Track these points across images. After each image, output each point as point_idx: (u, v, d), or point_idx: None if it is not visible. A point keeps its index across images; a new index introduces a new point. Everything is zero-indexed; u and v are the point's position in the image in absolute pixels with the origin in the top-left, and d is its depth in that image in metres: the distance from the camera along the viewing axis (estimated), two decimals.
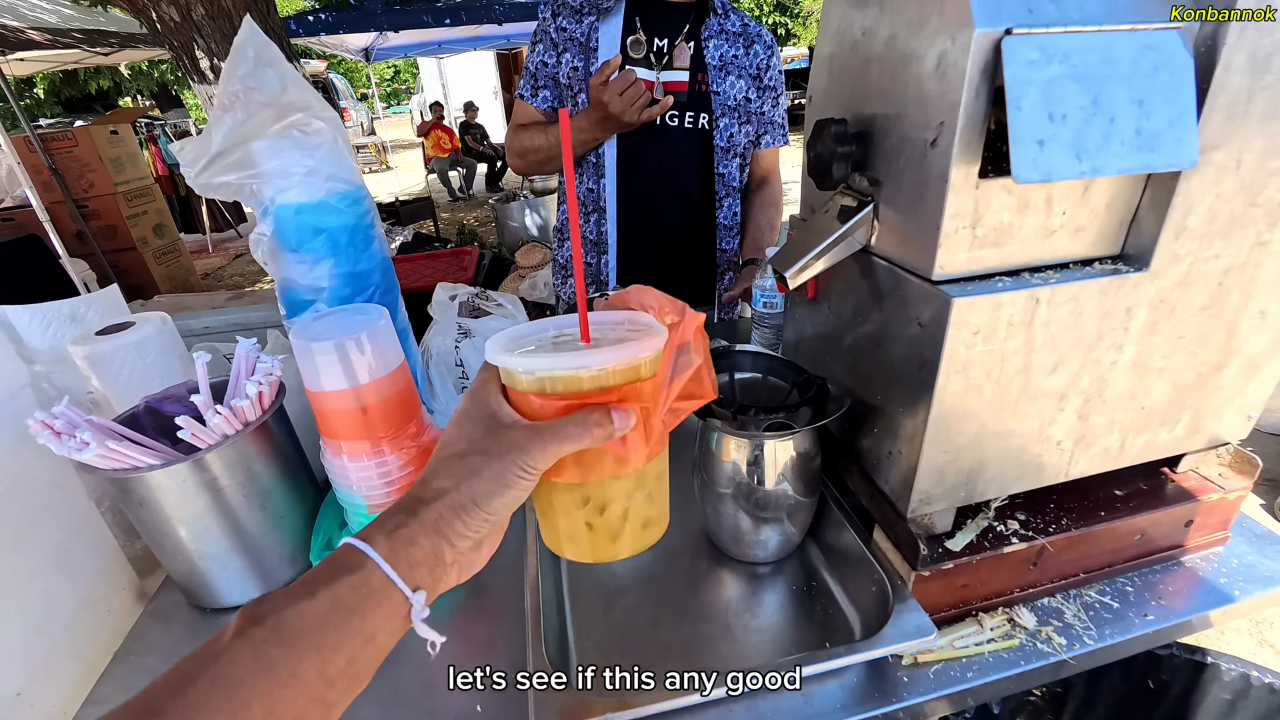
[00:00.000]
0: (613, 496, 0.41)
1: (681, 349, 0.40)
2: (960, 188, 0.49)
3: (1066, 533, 0.66)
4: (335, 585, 0.32)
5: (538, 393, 0.38)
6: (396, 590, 0.33)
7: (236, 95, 0.67)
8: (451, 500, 0.35)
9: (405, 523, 0.35)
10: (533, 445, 0.36)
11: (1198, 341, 0.61)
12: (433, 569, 0.35)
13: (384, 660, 0.34)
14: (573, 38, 1.26)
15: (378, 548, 0.34)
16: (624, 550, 0.42)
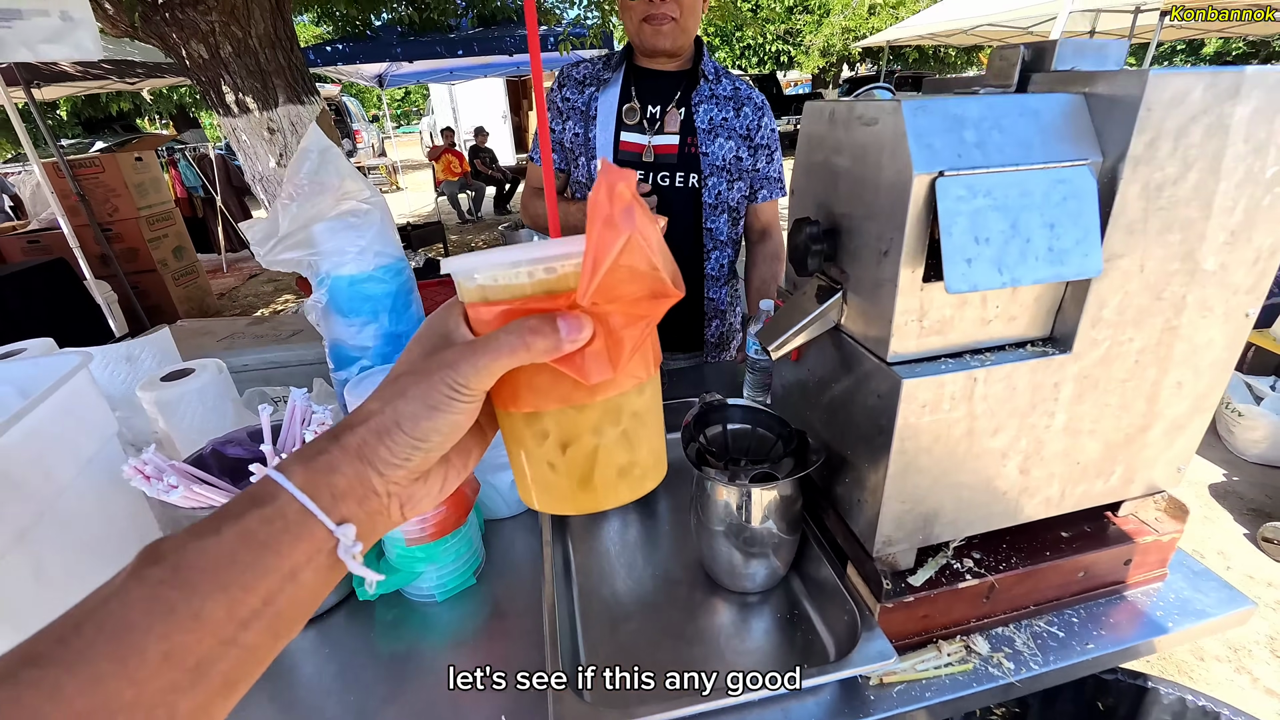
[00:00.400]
0: (578, 431, 0.35)
1: (598, 214, 0.30)
2: (908, 290, 0.60)
3: (1015, 570, 0.76)
4: (244, 519, 0.29)
5: (481, 301, 0.34)
6: (318, 523, 0.31)
7: (301, 188, 0.78)
8: (376, 424, 0.33)
9: (325, 448, 0.32)
10: (462, 361, 0.32)
11: (1122, 408, 0.72)
12: (363, 500, 0.33)
13: (322, 600, 0.32)
14: (575, 107, 1.40)
15: (293, 477, 0.31)
16: (604, 499, 0.37)
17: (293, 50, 3.74)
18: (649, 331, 0.35)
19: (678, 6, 1.28)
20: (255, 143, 3.80)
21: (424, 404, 0.32)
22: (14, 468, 0.62)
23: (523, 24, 6.35)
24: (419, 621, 0.85)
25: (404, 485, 0.34)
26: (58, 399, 0.69)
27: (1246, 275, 0.68)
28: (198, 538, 0.29)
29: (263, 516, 0.30)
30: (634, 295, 0.32)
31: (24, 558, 0.62)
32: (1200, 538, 2.38)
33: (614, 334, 0.33)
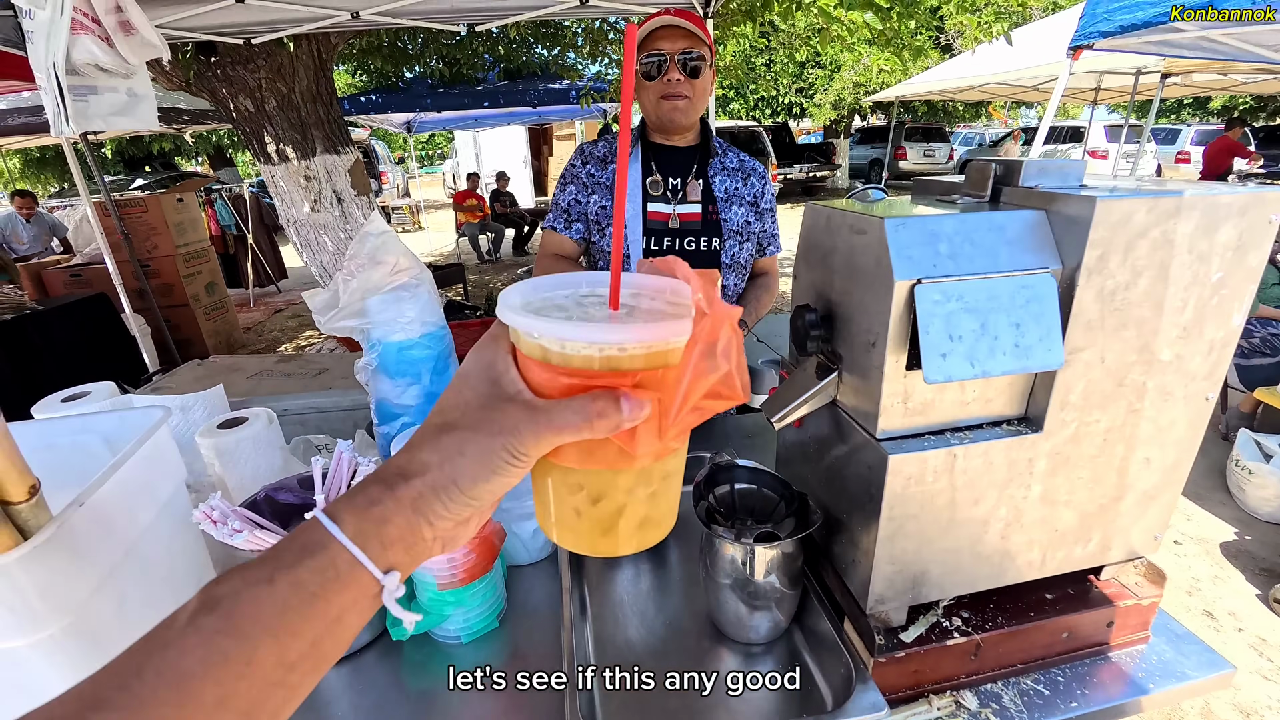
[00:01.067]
0: (611, 490, 0.37)
1: (707, 349, 0.34)
2: (893, 376, 0.68)
3: (1001, 629, 0.82)
4: (296, 570, 0.31)
5: (541, 362, 0.34)
6: (366, 572, 0.32)
7: (361, 265, 0.89)
8: (433, 479, 0.33)
9: (380, 499, 0.33)
10: (525, 429, 0.33)
11: (1094, 481, 0.79)
12: (410, 547, 0.34)
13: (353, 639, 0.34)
14: (600, 182, 1.54)
15: (345, 526, 0.32)
16: (620, 548, 0.39)
17: (332, 104, 4.00)
18: (703, 419, 0.36)
19: (691, 88, 1.42)
20: (292, 189, 4.02)
21: (484, 466, 0.33)
22: (108, 512, 0.71)
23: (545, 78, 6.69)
24: (445, 661, 0.92)
25: (449, 530, 0.35)
26: (144, 450, 0.79)
27: (1202, 364, 0.76)
28: (251, 585, 0.30)
29: (314, 567, 0.31)
30: (705, 397, 0.35)
31: (111, 594, 0.71)
32: (1211, 598, 2.37)
33: (667, 414, 0.34)
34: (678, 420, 0.34)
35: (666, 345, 0.34)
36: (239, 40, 3.27)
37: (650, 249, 1.53)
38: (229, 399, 1.33)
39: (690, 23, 1.38)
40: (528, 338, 0.34)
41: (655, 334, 0.33)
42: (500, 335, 0.36)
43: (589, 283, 0.39)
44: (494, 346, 0.36)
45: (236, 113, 3.80)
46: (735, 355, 0.35)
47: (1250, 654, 2.11)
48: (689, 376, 0.33)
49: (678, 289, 0.38)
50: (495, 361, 0.35)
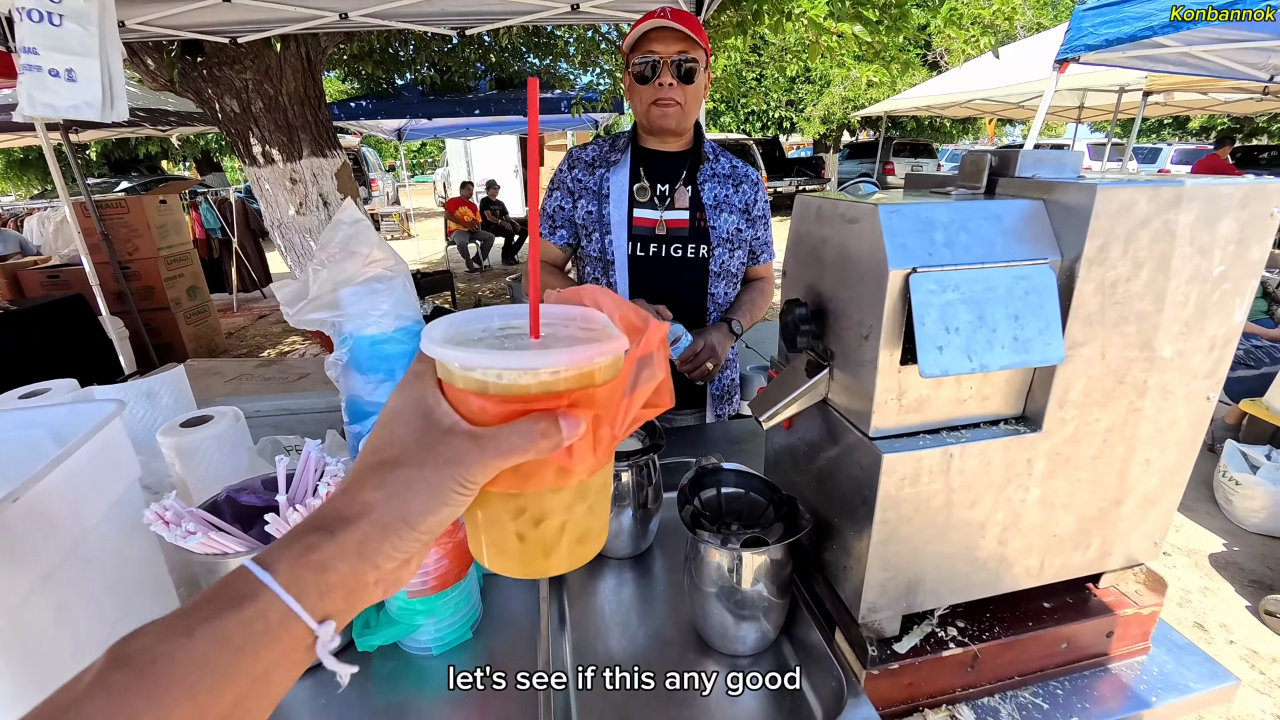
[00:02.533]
0: (551, 509, 0.38)
1: (644, 360, 0.37)
2: (887, 371, 0.65)
3: (998, 640, 0.78)
4: (220, 621, 0.28)
5: (478, 393, 0.34)
6: (299, 623, 0.30)
7: (333, 255, 0.85)
8: (379, 518, 0.32)
9: (318, 545, 0.31)
10: (472, 458, 0.32)
11: (1094, 483, 0.76)
12: (351, 594, 0.32)
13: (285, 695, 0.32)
14: (586, 187, 1.51)
15: (279, 575, 0.30)
16: (556, 566, 0.39)
17: (320, 107, 3.95)
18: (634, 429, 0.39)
19: (683, 93, 1.39)
20: (277, 191, 3.97)
21: (434, 499, 0.32)
22: (48, 510, 0.66)
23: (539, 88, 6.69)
24: (415, 674, 0.87)
25: (393, 571, 0.34)
26: (91, 444, 0.74)
27: (1204, 361, 0.73)
28: (167, 639, 0.28)
29: (241, 620, 0.29)
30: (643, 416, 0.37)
31: (49, 598, 0.65)
32: (1202, 610, 2.36)
33: (600, 429, 0.36)
34: (619, 428, 0.36)
35: (593, 365, 0.35)
36: (225, 40, 3.22)
37: (635, 255, 1.49)
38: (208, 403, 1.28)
39: (685, 25, 1.36)
40: (464, 372, 0.34)
41: (586, 355, 0.34)
42: (424, 371, 0.36)
43: (500, 316, 0.41)
44: (419, 384, 0.36)
45: (222, 114, 3.75)
46: (665, 365, 0.39)
47: (1242, 666, 2.09)
48: (633, 388, 0.36)
49: (588, 315, 0.40)
50: (425, 397, 0.35)
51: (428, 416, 0.34)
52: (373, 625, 0.87)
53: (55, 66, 2.12)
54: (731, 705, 0.80)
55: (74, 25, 2.17)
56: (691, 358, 1.39)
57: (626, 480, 1.02)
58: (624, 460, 1.00)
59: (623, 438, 0.38)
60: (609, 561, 1.08)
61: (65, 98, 2.17)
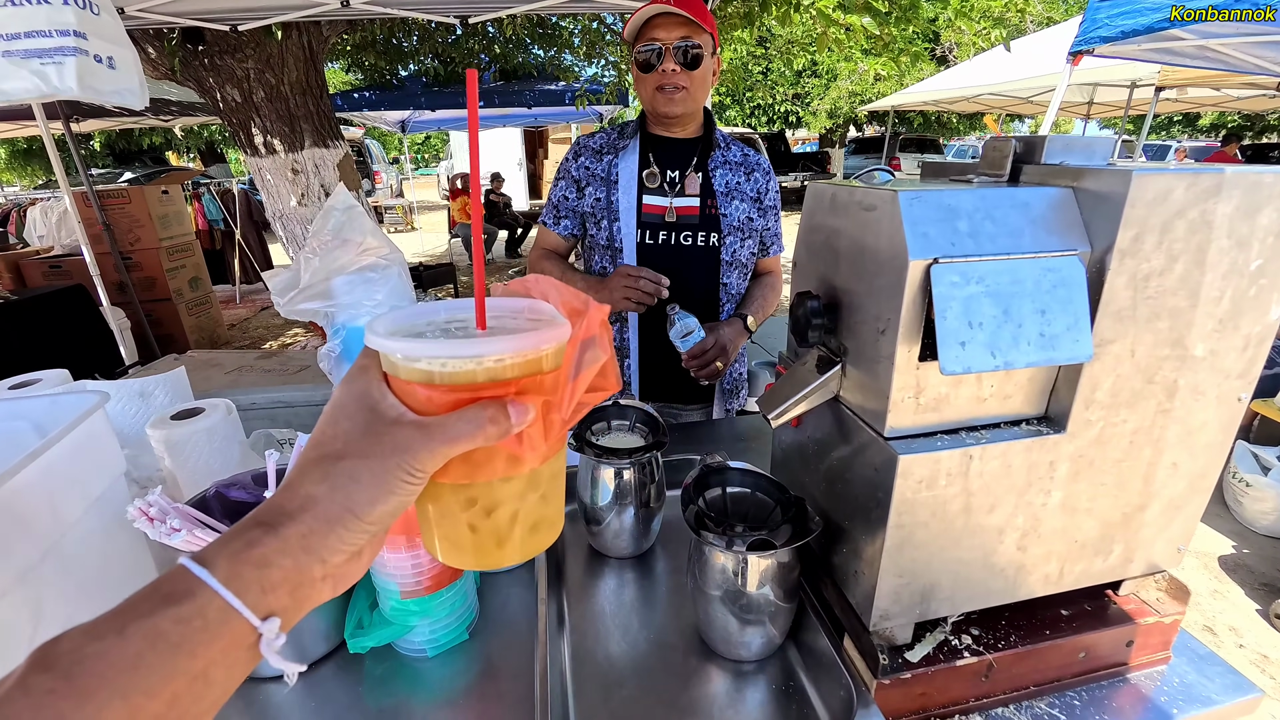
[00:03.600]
0: (503, 498, 0.37)
1: (587, 343, 0.36)
2: (904, 368, 0.61)
3: (1014, 648, 0.75)
4: (154, 618, 0.27)
5: (424, 383, 0.34)
6: (240, 620, 0.29)
7: (326, 243, 0.82)
8: (323, 511, 0.31)
9: (259, 540, 0.30)
10: (419, 445, 0.32)
11: (1118, 487, 0.72)
12: (296, 589, 0.31)
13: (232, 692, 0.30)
14: (594, 174, 1.47)
15: (217, 571, 0.29)
16: (510, 557, 0.39)
17: (322, 97, 3.92)
18: (582, 414, 0.38)
19: (688, 78, 1.35)
20: (279, 182, 3.94)
21: (380, 489, 0.32)
22: (24, 506, 0.63)
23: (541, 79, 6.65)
24: (409, 677, 0.84)
25: (341, 565, 0.33)
26: (73, 438, 0.71)
27: (1237, 361, 0.69)
28: (97, 639, 0.26)
29: (177, 616, 0.27)
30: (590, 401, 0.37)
31: (24, 598, 0.63)
32: (1211, 613, 2.32)
33: (551, 414, 0.36)
34: (565, 414, 0.37)
35: (539, 352, 0.35)
36: (226, 27, 3.18)
37: (645, 243, 1.46)
38: (207, 394, 1.25)
39: (688, 10, 1.31)
40: (408, 363, 0.34)
41: (531, 342, 0.35)
42: (369, 365, 0.36)
43: (447, 310, 0.41)
44: (364, 376, 0.35)
45: (224, 103, 3.72)
46: (609, 347, 0.39)
47: (1253, 670, 2.05)
48: (576, 372, 0.36)
49: (535, 306, 0.40)
50: (370, 389, 0.35)
51: (373, 409, 0.34)
52: (366, 626, 0.85)
53: (99, 53, 2.16)
54: (735, 713, 0.77)
55: (108, 15, 2.22)
56: (700, 354, 1.35)
57: (628, 478, 0.99)
58: (626, 457, 0.97)
59: (571, 423, 0.38)
60: (610, 561, 1.05)
61: (109, 83, 2.22)
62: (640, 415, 1.09)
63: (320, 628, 0.85)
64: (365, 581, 0.90)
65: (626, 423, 1.09)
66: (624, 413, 1.10)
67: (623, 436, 1.08)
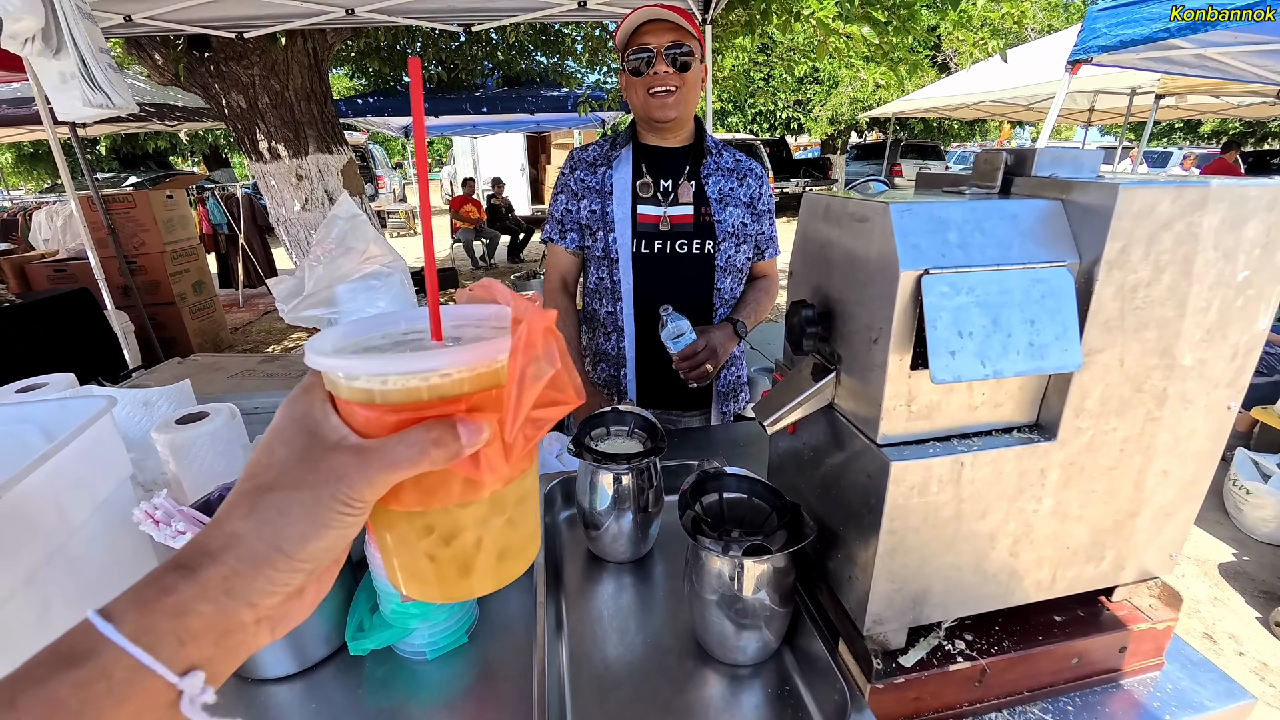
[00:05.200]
0: (463, 524, 0.35)
1: (529, 355, 0.32)
2: (896, 376, 0.63)
3: (1007, 654, 0.76)
4: (50, 684, 0.25)
5: (365, 404, 0.31)
6: (154, 677, 0.26)
7: (329, 251, 0.83)
8: (248, 550, 0.28)
9: (174, 586, 0.27)
10: (355, 473, 0.29)
11: (1109, 494, 0.73)
12: (223, 638, 0.28)
13: None
14: (589, 186, 1.49)
15: (124, 625, 0.26)
16: (478, 587, 0.36)
17: (326, 103, 3.95)
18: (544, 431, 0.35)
19: (680, 79, 1.37)
20: (283, 187, 3.97)
21: (312, 522, 0.29)
22: (32, 508, 0.64)
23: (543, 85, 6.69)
24: (408, 679, 0.85)
25: (277, 607, 0.30)
26: (80, 442, 0.72)
27: (1225, 370, 0.70)
28: None
29: (76, 680, 0.25)
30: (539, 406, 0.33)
31: (31, 600, 0.64)
32: (1211, 620, 2.32)
33: (514, 441, 0.33)
34: (515, 434, 0.33)
35: (493, 365, 0.33)
36: (231, 34, 3.22)
37: (640, 252, 1.47)
38: (209, 398, 1.26)
39: (676, 15, 1.34)
40: (348, 382, 0.32)
41: (476, 355, 0.32)
42: (313, 385, 0.33)
43: (407, 320, 0.38)
44: (307, 397, 0.32)
45: (229, 109, 3.75)
46: (560, 358, 0.34)
47: (1252, 679, 2.05)
48: (516, 387, 0.32)
49: (501, 314, 0.37)
50: (311, 411, 0.32)
51: (314, 433, 0.31)
52: (366, 629, 0.86)
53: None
54: (730, 716, 0.78)
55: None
56: (691, 355, 1.36)
57: (627, 483, 1.00)
58: (625, 463, 0.98)
59: (534, 441, 0.34)
60: (608, 566, 1.06)
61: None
62: (639, 421, 1.10)
63: (321, 630, 0.86)
64: (366, 584, 0.91)
65: (625, 428, 1.11)
66: (623, 418, 1.11)
67: (621, 442, 1.09)
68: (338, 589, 0.88)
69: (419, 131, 0.34)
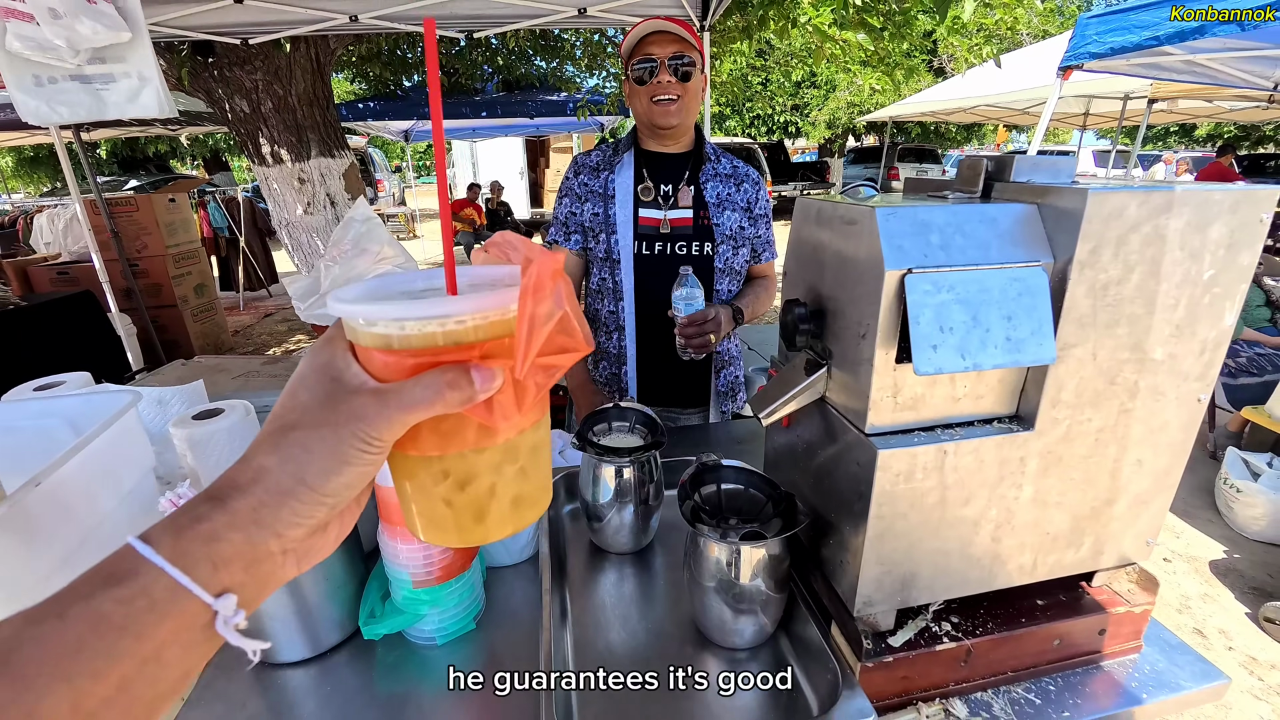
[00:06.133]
0: (477, 471, 0.36)
1: (538, 296, 0.33)
2: (882, 369, 0.67)
3: (991, 635, 0.80)
4: (95, 600, 0.26)
5: (382, 349, 0.33)
6: (192, 598, 0.28)
7: (345, 252, 0.87)
8: (274, 483, 0.30)
9: (207, 515, 0.29)
10: (374, 413, 0.31)
11: (1087, 482, 0.77)
12: (252, 565, 0.30)
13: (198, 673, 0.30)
14: (592, 190, 1.54)
15: (162, 548, 0.28)
16: (493, 532, 0.38)
17: (328, 108, 3.99)
18: (555, 377, 0.36)
19: (682, 88, 1.42)
20: (285, 191, 4.00)
21: (334, 458, 0.31)
22: (68, 495, 0.68)
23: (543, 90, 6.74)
24: (419, 664, 0.88)
25: (301, 540, 0.32)
26: (108, 434, 0.76)
27: (1194, 364, 0.75)
28: (35, 623, 0.26)
29: (120, 596, 0.27)
30: (550, 353, 0.34)
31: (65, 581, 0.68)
32: (1201, 616, 2.36)
33: (521, 382, 0.34)
34: (526, 378, 0.34)
35: (505, 314, 0.34)
36: (236, 40, 3.26)
37: (641, 254, 1.52)
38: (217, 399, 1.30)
39: (680, 28, 1.39)
40: (366, 328, 0.33)
41: (491, 302, 0.33)
42: (335, 336, 0.35)
43: (424, 279, 0.39)
44: (330, 347, 0.34)
45: (232, 114, 3.79)
46: (569, 302, 0.35)
47: (1241, 673, 2.09)
48: (526, 325, 0.32)
49: (514, 273, 0.38)
50: (334, 360, 0.34)
51: (336, 380, 0.33)
52: (379, 615, 0.89)
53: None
54: (729, 698, 0.82)
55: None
56: (700, 322, 1.36)
57: (628, 476, 1.04)
58: (626, 456, 1.02)
59: (545, 387, 0.36)
60: (610, 557, 1.09)
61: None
62: (640, 417, 1.14)
63: (335, 616, 0.90)
64: (379, 572, 0.95)
65: (627, 424, 1.14)
66: (624, 414, 1.15)
67: (623, 437, 1.13)
68: (351, 577, 0.92)
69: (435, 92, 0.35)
